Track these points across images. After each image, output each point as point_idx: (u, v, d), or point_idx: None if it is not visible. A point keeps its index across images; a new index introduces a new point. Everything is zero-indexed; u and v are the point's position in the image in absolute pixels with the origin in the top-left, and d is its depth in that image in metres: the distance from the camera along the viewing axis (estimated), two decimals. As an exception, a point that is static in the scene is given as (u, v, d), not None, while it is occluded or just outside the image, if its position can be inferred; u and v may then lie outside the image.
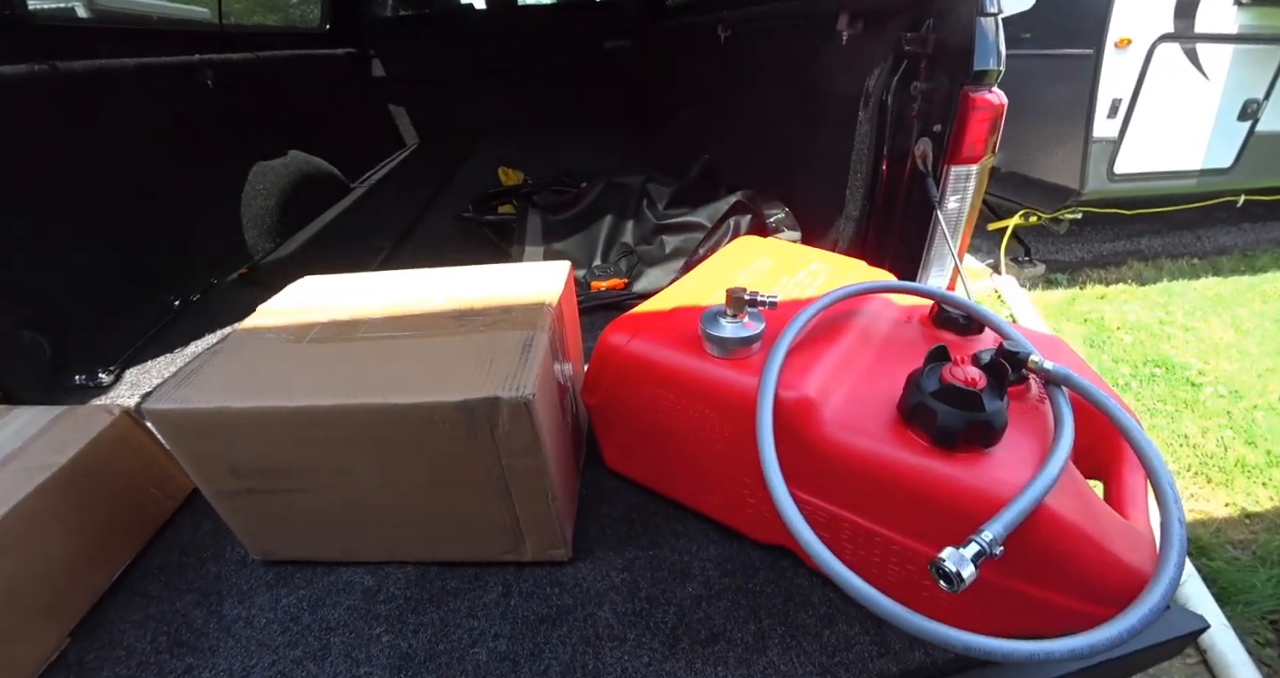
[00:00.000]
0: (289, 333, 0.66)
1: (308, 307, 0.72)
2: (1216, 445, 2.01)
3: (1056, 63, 2.71)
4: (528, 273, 0.73)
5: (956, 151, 0.89)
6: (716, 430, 0.56)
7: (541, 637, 0.58)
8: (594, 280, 1.16)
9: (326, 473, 0.59)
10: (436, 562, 0.67)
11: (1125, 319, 2.76)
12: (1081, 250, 3.55)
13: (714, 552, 0.64)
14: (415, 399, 0.53)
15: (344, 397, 0.54)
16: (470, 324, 0.62)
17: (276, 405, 0.55)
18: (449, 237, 1.64)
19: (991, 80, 0.89)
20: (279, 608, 0.65)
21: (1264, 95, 2.78)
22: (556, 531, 0.60)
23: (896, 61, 0.97)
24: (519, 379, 0.52)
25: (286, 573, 0.69)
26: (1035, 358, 0.52)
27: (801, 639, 0.56)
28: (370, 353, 0.60)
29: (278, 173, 1.79)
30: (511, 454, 0.54)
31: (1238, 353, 2.54)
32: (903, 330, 0.61)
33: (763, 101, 1.55)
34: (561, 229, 1.31)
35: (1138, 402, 2.23)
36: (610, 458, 0.72)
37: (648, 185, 1.37)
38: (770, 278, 0.68)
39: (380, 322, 0.67)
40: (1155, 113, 2.66)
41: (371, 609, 0.63)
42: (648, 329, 0.60)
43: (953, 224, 0.93)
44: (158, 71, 1.41)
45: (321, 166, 2.06)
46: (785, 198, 1.27)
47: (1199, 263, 3.41)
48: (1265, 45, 2.70)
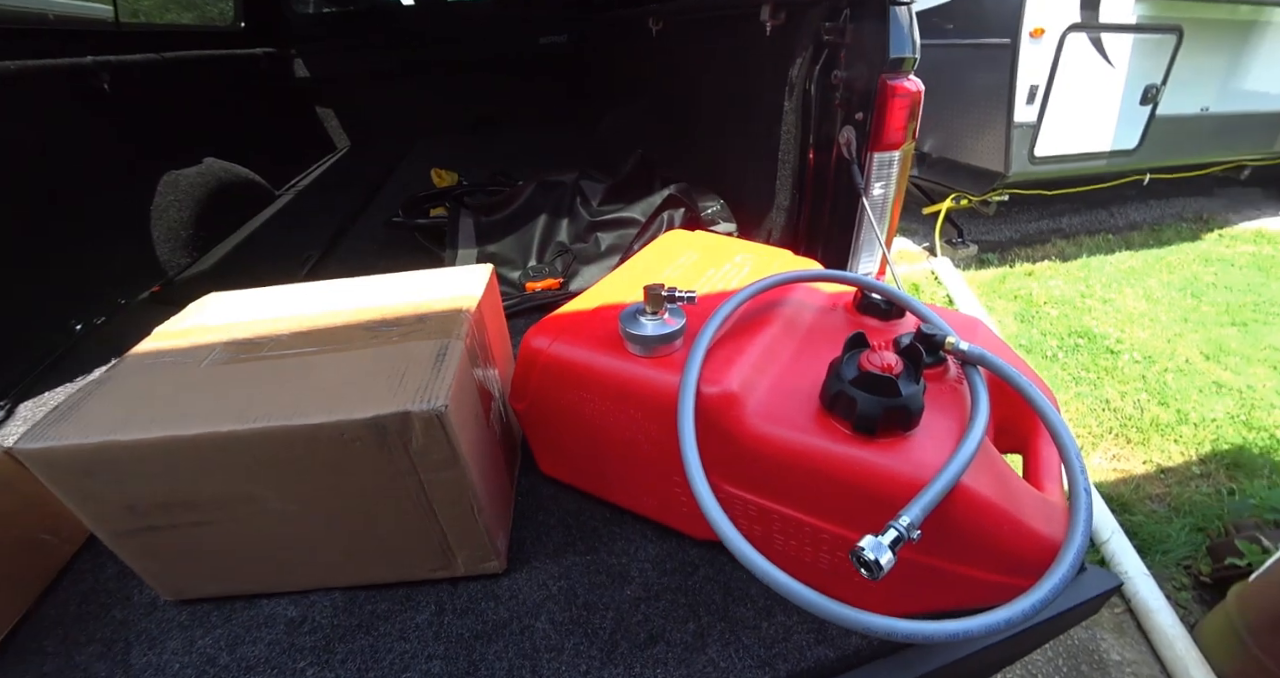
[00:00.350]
0: (186, 355, 0.62)
1: (209, 326, 0.67)
2: (1134, 408, 2.15)
3: (978, 52, 2.82)
4: (446, 278, 0.70)
5: (878, 139, 0.91)
6: (644, 431, 0.54)
7: (477, 654, 0.56)
8: (529, 281, 1.13)
9: (234, 503, 0.55)
10: (364, 585, 0.64)
11: (1051, 294, 2.91)
12: (1010, 230, 3.73)
13: (652, 552, 0.63)
14: (322, 419, 0.50)
15: (245, 421, 0.51)
16: (383, 336, 0.59)
17: (170, 436, 0.51)
18: (380, 242, 1.58)
19: (908, 68, 0.90)
20: (194, 651, 0.60)
21: (1162, 81, 2.97)
22: (487, 543, 0.58)
23: (817, 51, 0.98)
24: (430, 391, 0.49)
25: (202, 612, 0.64)
26: (952, 339, 0.53)
27: (740, 634, 0.56)
28: (275, 372, 0.57)
29: (191, 182, 1.68)
30: (429, 469, 0.51)
31: (1149, 321, 2.71)
32: (827, 318, 0.61)
33: (695, 95, 1.55)
34: (495, 230, 1.28)
35: (1064, 372, 2.35)
36: (544, 463, 0.70)
37: (581, 182, 1.35)
38: (695, 272, 0.68)
39: (287, 338, 0.63)
40: (1069, 98, 2.80)
41: (295, 642, 0.60)
42: (570, 331, 0.58)
43: (879, 210, 0.94)
44: (41, 75, 1.29)
45: (241, 174, 1.95)
46: (720, 190, 1.27)
47: (1113, 238, 3.63)
48: (1160, 34, 2.87)
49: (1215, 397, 2.20)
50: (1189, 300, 2.90)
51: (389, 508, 0.55)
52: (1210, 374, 2.32)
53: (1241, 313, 2.80)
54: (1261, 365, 2.40)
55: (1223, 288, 3.04)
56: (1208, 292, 2.98)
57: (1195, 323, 2.70)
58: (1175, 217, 3.95)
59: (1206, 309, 2.82)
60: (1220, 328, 2.67)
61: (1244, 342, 2.56)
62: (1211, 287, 3.04)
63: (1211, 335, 2.59)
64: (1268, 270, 3.25)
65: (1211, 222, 3.94)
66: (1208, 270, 3.21)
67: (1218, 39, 3.03)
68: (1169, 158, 3.36)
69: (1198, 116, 3.24)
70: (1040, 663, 1.30)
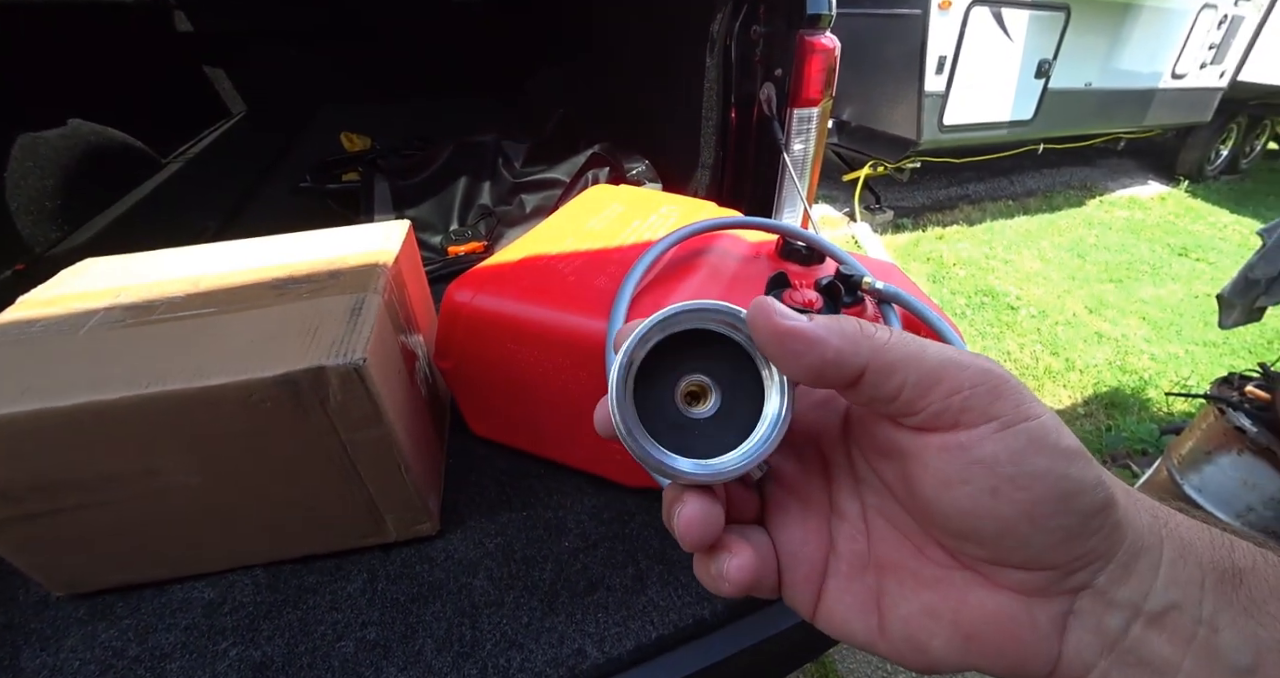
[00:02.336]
0: (62, 322, 0.55)
1: (89, 291, 0.60)
2: (1031, 358, 2.35)
3: (893, 22, 2.91)
4: (360, 235, 0.66)
5: (797, 95, 0.92)
6: (574, 378, 0.54)
7: (414, 617, 0.55)
8: (451, 245, 1.09)
9: (130, 480, 0.51)
10: (289, 560, 0.61)
11: (959, 256, 3.11)
12: (922, 197, 3.94)
13: (589, 504, 0.64)
14: (226, 379, 0.46)
15: (136, 387, 0.46)
16: (291, 293, 0.55)
17: (45, 408, 0.45)
18: (287, 211, 1.46)
19: (825, 25, 0.92)
20: (97, 646, 0.55)
21: (1053, 56, 3.18)
22: (418, 504, 0.56)
23: (737, 6, 0.97)
24: (346, 344, 0.46)
25: (104, 604, 0.59)
26: (869, 279, 0.56)
27: (679, 573, 0.57)
28: (170, 335, 0.52)
29: (55, 147, 1.49)
30: (351, 428, 0.49)
31: (1043, 279, 2.96)
32: (751, 265, 0.63)
33: (619, 54, 1.51)
34: (413, 194, 1.22)
35: (972, 327, 2.53)
36: (475, 424, 0.68)
37: (502, 143, 1.30)
38: (621, 223, 0.67)
39: (182, 300, 0.57)
40: (973, 70, 2.96)
41: (215, 624, 0.56)
42: (495, 283, 0.57)
43: (800, 166, 0.97)
44: None
45: (116, 138, 1.75)
46: (645, 151, 1.26)
47: (1013, 204, 3.91)
48: (1052, 12, 3.06)
49: (1096, 346, 2.44)
50: (1075, 260, 3.19)
51: (309, 474, 0.52)
52: (1092, 325, 2.57)
53: (1118, 271, 3.10)
54: (1133, 317, 2.68)
55: (1102, 248, 3.36)
56: (1090, 252, 3.29)
57: (1080, 280, 2.97)
58: (1064, 184, 4.30)
59: (1090, 268, 3.11)
60: (1100, 284, 2.96)
61: (1120, 296, 2.84)
62: (1094, 248, 3.35)
63: (1094, 291, 2.87)
64: (1138, 233, 3.61)
65: (1094, 189, 4.31)
66: (1090, 233, 3.53)
67: (1099, 19, 3.27)
68: (1059, 128, 3.63)
69: (1083, 91, 3.51)
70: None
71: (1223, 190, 4.42)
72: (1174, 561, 0.19)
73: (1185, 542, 0.19)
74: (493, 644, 0.52)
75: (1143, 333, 2.54)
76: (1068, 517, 0.18)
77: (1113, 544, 0.19)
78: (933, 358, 0.19)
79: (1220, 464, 1.26)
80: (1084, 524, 0.18)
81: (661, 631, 0.53)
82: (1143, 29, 3.45)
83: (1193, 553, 0.19)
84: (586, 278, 0.57)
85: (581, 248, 0.63)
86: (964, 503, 0.19)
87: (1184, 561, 0.19)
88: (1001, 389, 0.19)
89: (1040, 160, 4.42)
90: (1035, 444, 0.18)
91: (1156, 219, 3.79)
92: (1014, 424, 0.19)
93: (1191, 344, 2.47)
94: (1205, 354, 2.41)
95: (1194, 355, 2.39)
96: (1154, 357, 2.36)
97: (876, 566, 0.23)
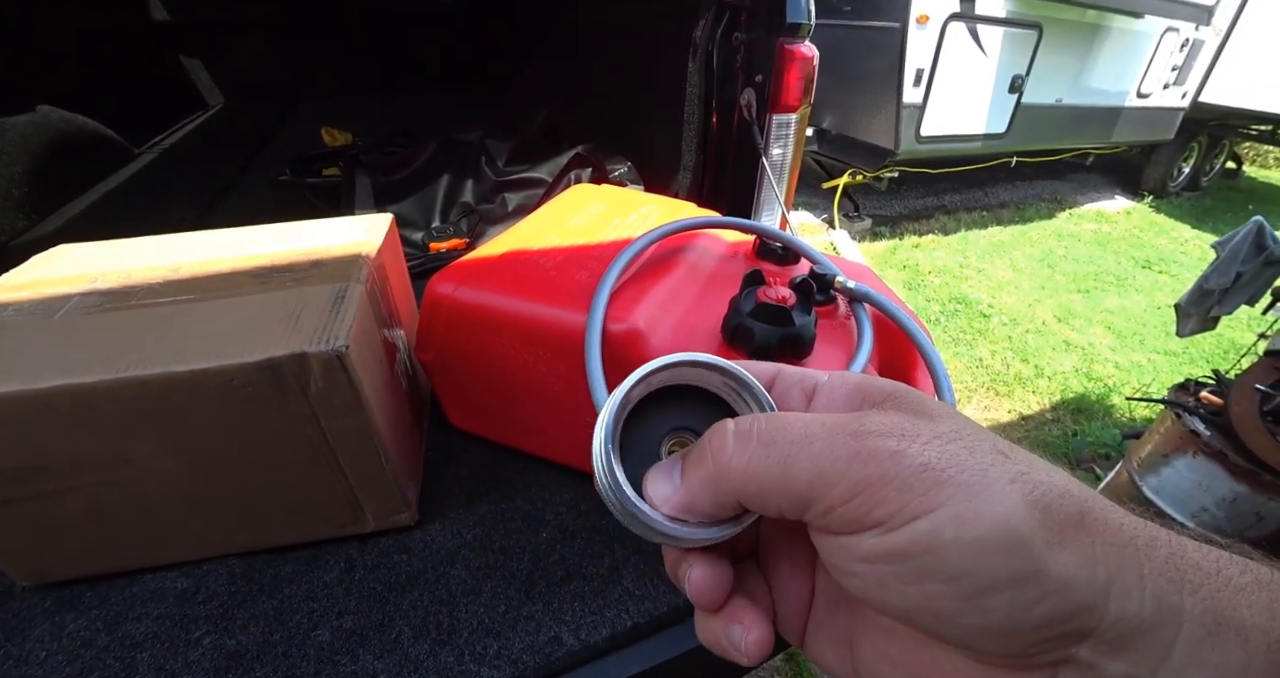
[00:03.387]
0: (37, 307, 0.55)
1: (62, 277, 0.60)
2: (1002, 364, 2.41)
3: (872, 34, 2.98)
4: (343, 226, 0.66)
5: (776, 101, 0.95)
6: (553, 370, 0.55)
7: (391, 606, 0.55)
8: (433, 241, 1.09)
9: (106, 465, 0.50)
10: (265, 550, 0.60)
11: (935, 264, 3.18)
12: (900, 206, 4.02)
13: (567, 496, 0.65)
14: (207, 364, 0.46)
15: (115, 371, 0.46)
16: (274, 282, 0.56)
17: (17, 390, 0.45)
18: (265, 204, 1.45)
19: (804, 34, 0.94)
20: (64, 636, 0.55)
21: (1026, 72, 3.28)
22: (397, 494, 0.57)
23: (720, 13, 1.00)
24: (329, 331, 0.47)
25: (73, 594, 0.58)
26: (841, 279, 0.58)
27: (654, 564, 0.58)
28: (149, 320, 0.52)
29: (23, 132, 1.46)
30: (331, 415, 0.49)
31: (1014, 288, 3.04)
32: (728, 264, 0.64)
33: (603, 57, 1.53)
34: (395, 190, 1.21)
35: (945, 334, 2.60)
36: (454, 416, 0.69)
37: (486, 141, 1.30)
38: (603, 221, 0.68)
39: (161, 286, 0.57)
40: (950, 83, 3.04)
41: (188, 613, 0.56)
42: (477, 276, 0.58)
43: (778, 170, 0.99)
44: None
45: (86, 126, 1.71)
46: (628, 153, 1.28)
47: (986, 214, 4.01)
48: (1025, 29, 3.17)
49: (1064, 353, 2.52)
50: (1046, 270, 3.28)
51: (288, 462, 0.52)
52: (1061, 334, 2.65)
53: (1085, 281, 3.20)
54: (1099, 326, 2.77)
55: (1071, 260, 3.46)
56: (1060, 263, 3.39)
57: (1050, 290, 3.06)
58: (1036, 197, 4.43)
59: (1059, 278, 3.20)
60: (1069, 294, 3.05)
61: (1087, 306, 2.94)
62: (1063, 258, 3.45)
63: (1062, 301, 2.96)
64: (1105, 245, 3.73)
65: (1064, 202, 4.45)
66: (1060, 244, 3.64)
67: (1070, 38, 3.39)
68: (1032, 142, 3.74)
69: (1053, 106, 3.63)
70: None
71: (1184, 206, 4.60)
72: (1201, 640, 0.15)
73: (1226, 616, 0.15)
74: (470, 632, 0.53)
75: (1108, 341, 2.63)
76: (985, 615, 0.16)
77: (1081, 625, 0.15)
78: (799, 478, 0.18)
79: (1176, 466, 1.32)
80: (1012, 619, 0.16)
81: (637, 619, 0.54)
82: (1110, 49, 3.58)
83: (1240, 631, 0.15)
84: (567, 272, 0.58)
85: (563, 244, 0.64)
86: (858, 589, 0.19)
87: (1218, 640, 0.15)
88: (879, 494, 0.17)
89: (1013, 173, 4.55)
90: (923, 544, 0.16)
91: (1122, 232, 3.92)
92: (897, 528, 0.17)
93: (1154, 353, 2.56)
94: (1166, 363, 2.50)
95: (1156, 364, 2.48)
96: (1118, 365, 2.44)
97: (848, 606, 0.23)
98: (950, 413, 0.19)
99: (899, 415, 0.19)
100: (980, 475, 0.16)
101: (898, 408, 0.20)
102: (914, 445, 0.17)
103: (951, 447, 0.17)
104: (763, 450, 0.19)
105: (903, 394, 0.20)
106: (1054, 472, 0.17)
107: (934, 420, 0.19)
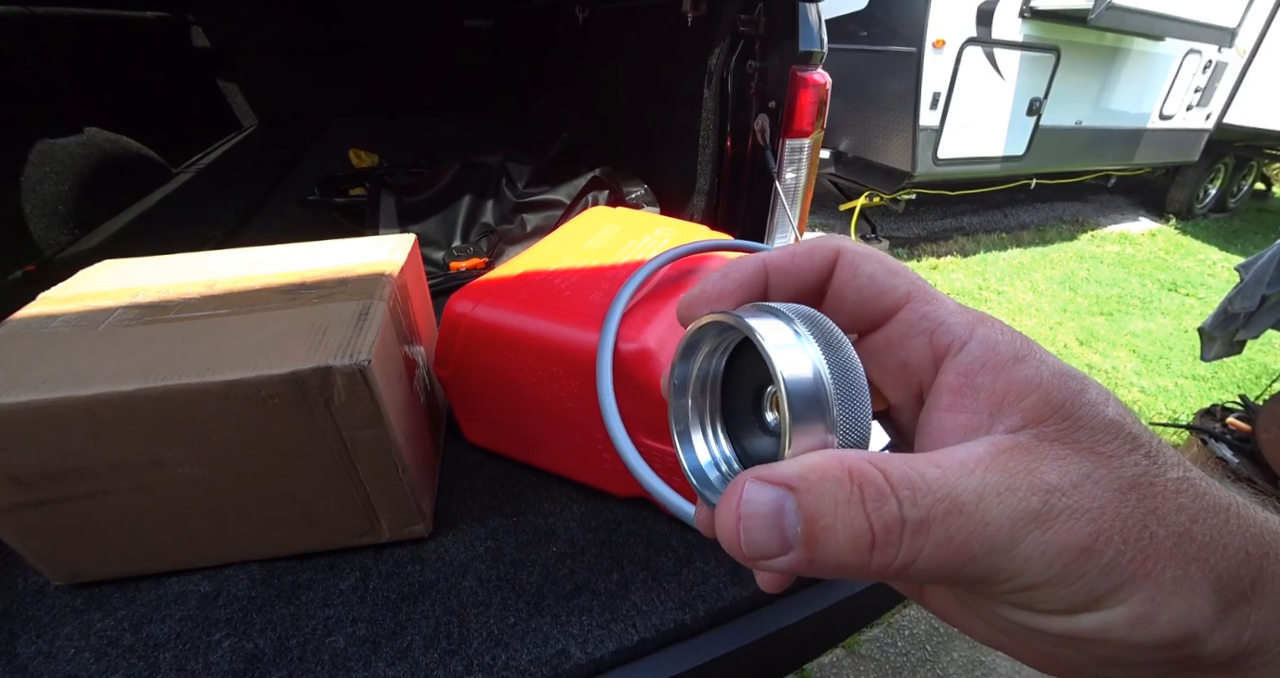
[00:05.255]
0: (81, 319, 0.58)
1: (106, 290, 0.63)
2: (1021, 388, 2.37)
3: (889, 58, 3.02)
4: (367, 246, 0.69)
5: (790, 126, 0.97)
6: (566, 388, 0.57)
7: (404, 614, 0.57)
8: (454, 261, 1.13)
9: (138, 469, 0.53)
10: (285, 557, 0.62)
11: (953, 286, 3.16)
12: (917, 227, 4.01)
13: (577, 512, 0.66)
14: (238, 375, 0.49)
15: (151, 380, 0.49)
16: (301, 298, 0.58)
17: (64, 396, 0.48)
18: (293, 222, 1.50)
19: (817, 61, 0.97)
20: (92, 635, 0.57)
21: (1044, 94, 3.28)
22: (412, 506, 0.58)
23: (734, 41, 1.03)
24: (353, 347, 0.49)
25: (101, 595, 0.61)
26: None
27: (662, 580, 0.59)
28: (185, 333, 0.55)
29: (71, 153, 1.54)
30: (352, 427, 0.51)
31: (1035, 310, 3.01)
32: (739, 286, 0.66)
33: (620, 83, 1.58)
34: (418, 211, 1.26)
35: (962, 356, 2.57)
36: (469, 431, 0.71)
37: (506, 164, 1.34)
38: (617, 243, 0.70)
39: (197, 301, 0.60)
40: (967, 106, 3.05)
41: (209, 616, 0.58)
42: (494, 295, 0.60)
43: (791, 194, 1.01)
44: None
45: (130, 147, 1.80)
46: (645, 176, 1.31)
47: (1006, 237, 3.98)
48: (1042, 53, 3.18)
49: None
50: (1067, 293, 3.24)
51: (310, 471, 0.55)
52: (1084, 357, 2.61)
53: (1108, 304, 3.15)
54: (1123, 349, 2.72)
55: (1094, 282, 3.42)
56: (1082, 285, 3.34)
57: (1072, 312, 3.02)
58: (1056, 219, 4.39)
59: (1081, 300, 3.16)
60: (1091, 317, 3.00)
61: (1110, 329, 2.89)
62: (1085, 281, 3.40)
63: (1085, 324, 2.91)
64: (1129, 267, 3.68)
65: (1085, 224, 4.40)
66: (1082, 267, 3.60)
67: (1089, 61, 3.39)
68: (1051, 165, 3.72)
69: (1073, 129, 3.62)
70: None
71: (1211, 228, 4.52)
72: None
73: None
74: (479, 643, 0.54)
75: (1133, 365, 2.58)
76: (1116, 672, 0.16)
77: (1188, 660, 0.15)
78: (973, 572, 0.15)
79: (1201, 495, 1.28)
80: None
81: (643, 634, 0.55)
82: (1130, 71, 3.57)
83: None
84: (582, 293, 0.60)
85: (578, 265, 0.66)
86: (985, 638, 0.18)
87: None
88: (1059, 593, 0.15)
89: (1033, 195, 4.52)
90: (1089, 633, 0.15)
91: (1147, 255, 3.86)
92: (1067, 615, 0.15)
93: (1180, 377, 2.50)
94: (1194, 387, 2.44)
95: (1183, 388, 2.43)
96: (1144, 389, 2.39)
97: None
98: (1123, 438, 0.16)
99: (1077, 461, 0.15)
100: (1164, 561, 0.15)
101: (1071, 443, 0.16)
102: (1103, 524, 0.15)
103: (1134, 513, 0.15)
104: (936, 548, 0.15)
105: (1073, 409, 0.16)
106: (1236, 527, 0.15)
107: (1110, 462, 0.15)
